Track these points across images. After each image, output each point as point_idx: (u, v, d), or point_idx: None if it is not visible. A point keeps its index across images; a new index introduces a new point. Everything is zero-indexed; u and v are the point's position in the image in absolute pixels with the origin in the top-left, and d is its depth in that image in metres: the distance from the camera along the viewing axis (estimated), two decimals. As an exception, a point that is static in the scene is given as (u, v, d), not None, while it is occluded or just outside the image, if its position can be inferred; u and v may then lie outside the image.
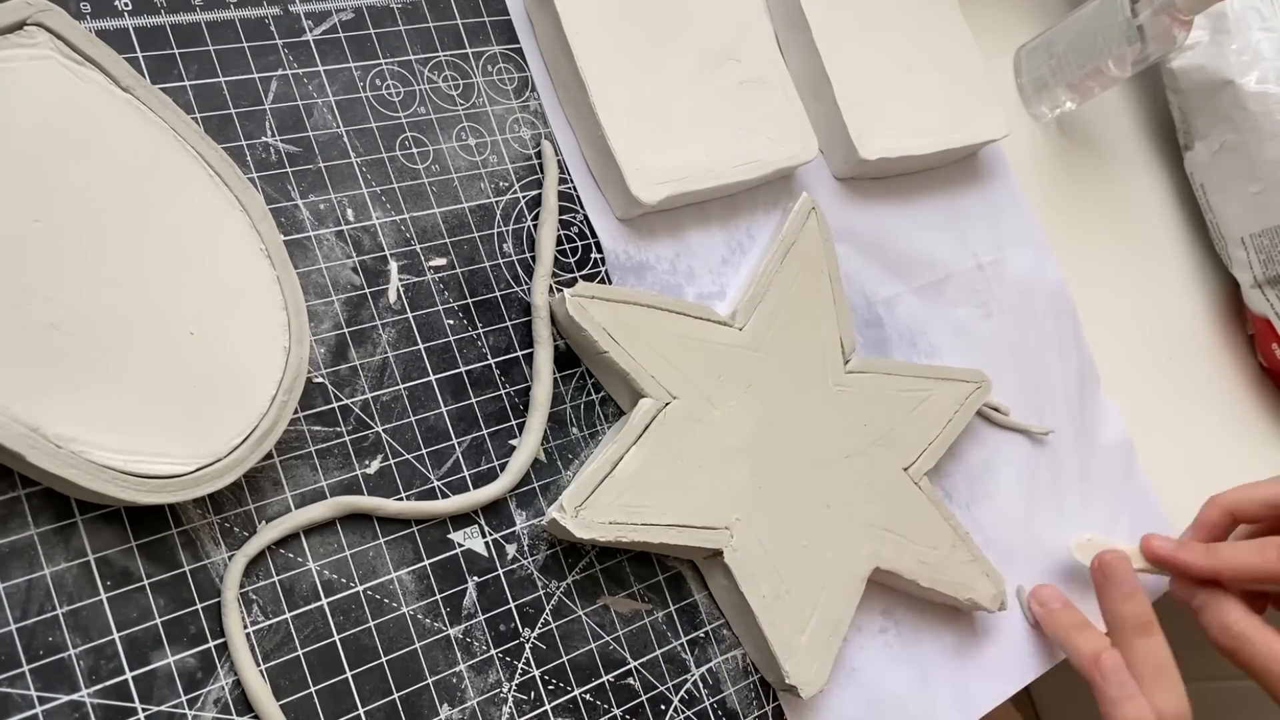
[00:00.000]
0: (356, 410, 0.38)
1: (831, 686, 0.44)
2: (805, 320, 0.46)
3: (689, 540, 0.40)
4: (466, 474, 0.40)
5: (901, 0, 0.53)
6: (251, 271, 0.36)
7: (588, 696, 0.40)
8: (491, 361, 0.41)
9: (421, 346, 0.40)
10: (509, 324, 0.42)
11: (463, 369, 0.41)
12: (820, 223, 0.48)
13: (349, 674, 0.36)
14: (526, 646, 0.39)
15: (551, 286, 0.42)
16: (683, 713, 0.41)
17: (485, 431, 0.40)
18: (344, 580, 0.37)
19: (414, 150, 0.42)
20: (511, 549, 0.40)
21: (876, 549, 0.45)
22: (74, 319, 0.32)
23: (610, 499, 0.39)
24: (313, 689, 0.35)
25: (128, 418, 0.32)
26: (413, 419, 0.39)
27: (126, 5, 0.38)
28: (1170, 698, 0.41)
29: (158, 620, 0.33)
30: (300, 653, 0.35)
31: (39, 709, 0.31)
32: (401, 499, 0.38)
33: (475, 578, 0.39)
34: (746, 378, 0.44)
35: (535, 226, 0.44)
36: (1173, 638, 0.45)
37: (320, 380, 0.38)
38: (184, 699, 0.33)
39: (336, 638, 0.36)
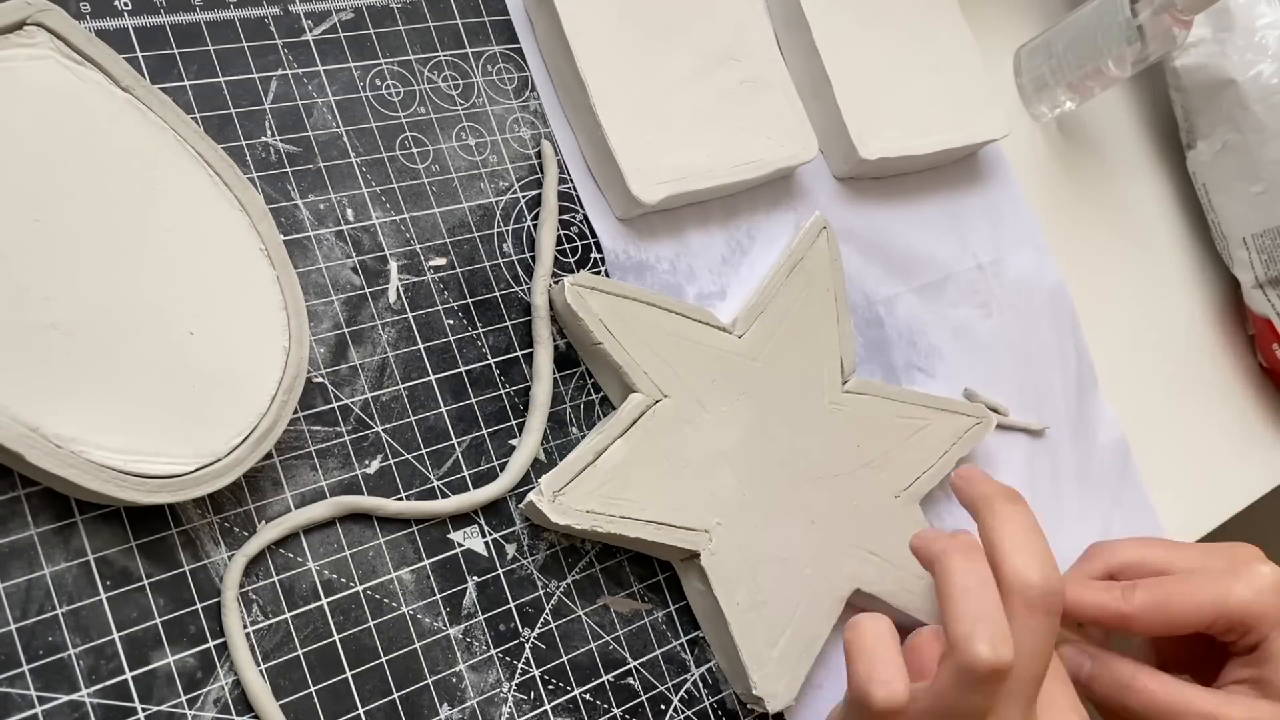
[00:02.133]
0: (356, 410, 0.38)
1: (829, 688, 0.44)
2: (806, 336, 0.46)
3: (666, 539, 0.40)
4: (466, 474, 0.40)
5: (901, 0, 0.53)
6: (251, 271, 0.36)
7: (588, 696, 0.40)
8: (491, 361, 0.41)
9: (421, 346, 0.40)
10: (509, 324, 0.42)
11: (463, 369, 0.41)
12: (830, 242, 0.48)
13: (349, 674, 0.36)
14: (526, 646, 0.39)
15: (551, 286, 0.42)
16: (683, 713, 0.41)
17: (485, 431, 0.40)
18: (344, 580, 0.37)
19: (414, 150, 0.42)
20: (511, 549, 0.40)
21: (859, 571, 0.44)
22: (74, 319, 0.32)
23: (590, 488, 0.39)
24: (313, 689, 0.35)
25: (127, 417, 0.32)
26: (412, 419, 0.39)
27: (126, 5, 0.38)
28: (1043, 563, 0.35)
29: (157, 620, 0.33)
30: (300, 652, 0.35)
31: (39, 709, 0.31)
32: (401, 499, 0.38)
33: (475, 578, 0.39)
34: (741, 385, 0.44)
35: (535, 226, 0.44)
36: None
37: (320, 380, 0.38)
38: (184, 699, 0.33)
39: (336, 638, 0.36)
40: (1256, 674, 0.43)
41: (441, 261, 0.41)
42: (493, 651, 0.38)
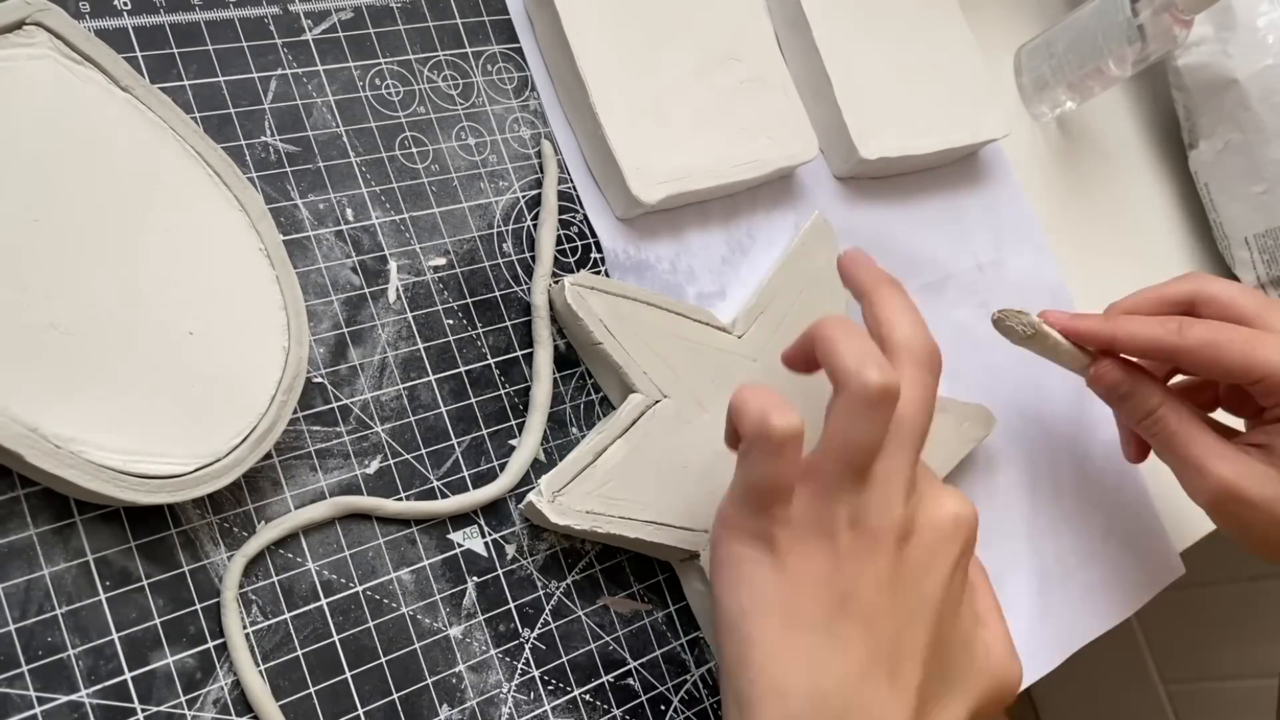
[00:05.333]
0: (356, 410, 0.38)
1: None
2: None
3: (666, 539, 0.40)
4: (466, 474, 0.40)
5: (902, 0, 0.53)
6: (251, 271, 0.36)
7: (587, 696, 0.40)
8: (491, 361, 0.41)
9: (421, 346, 0.40)
10: (509, 324, 0.42)
11: (462, 369, 0.41)
12: (830, 242, 0.48)
13: (348, 674, 0.36)
14: (526, 647, 0.39)
15: (551, 286, 0.42)
16: (683, 713, 0.41)
17: (485, 431, 0.40)
18: (343, 580, 0.36)
19: (413, 150, 0.42)
20: (511, 549, 0.40)
21: None
22: (73, 319, 0.32)
23: (590, 488, 0.39)
24: (312, 689, 0.35)
25: (127, 418, 0.32)
26: (412, 419, 0.39)
27: (125, 4, 0.38)
28: (924, 330, 0.38)
29: (157, 620, 0.33)
30: (300, 653, 0.35)
31: (38, 709, 0.31)
32: (401, 499, 0.38)
33: (475, 578, 0.39)
34: (741, 385, 0.43)
35: (535, 226, 0.44)
36: (1166, 639, 0.45)
37: (320, 380, 0.38)
38: (183, 699, 0.33)
39: (336, 638, 0.36)
40: (1271, 442, 0.45)
41: (441, 261, 0.41)
42: (493, 652, 0.38)
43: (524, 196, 0.44)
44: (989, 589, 0.41)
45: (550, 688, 0.39)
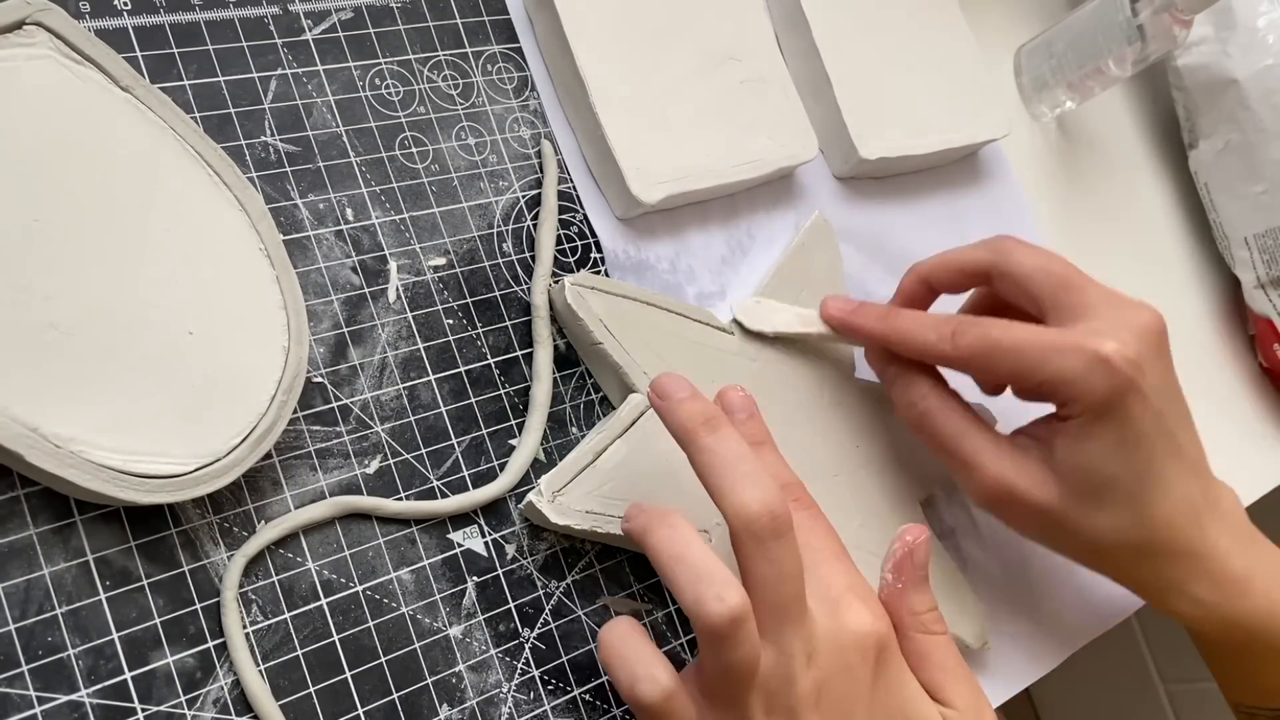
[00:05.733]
0: (356, 410, 0.38)
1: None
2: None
3: None
4: (466, 474, 0.40)
5: (902, 0, 0.53)
6: (251, 271, 0.36)
7: (587, 696, 0.40)
8: (491, 361, 0.41)
9: (421, 346, 0.40)
10: (509, 324, 0.42)
11: (462, 369, 0.41)
12: (830, 242, 0.48)
13: (348, 674, 0.36)
14: (526, 646, 0.39)
15: (551, 285, 0.42)
16: (682, 713, 0.41)
17: (485, 431, 0.40)
18: (343, 580, 0.36)
19: (413, 150, 0.42)
20: (511, 549, 0.40)
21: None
22: (73, 319, 0.32)
23: (589, 488, 0.39)
24: (312, 689, 0.35)
25: (126, 417, 0.32)
26: (412, 419, 0.39)
27: (125, 4, 0.38)
28: (758, 488, 0.34)
29: (157, 620, 0.33)
30: (299, 653, 0.35)
31: (38, 709, 0.31)
32: (401, 499, 0.38)
33: (475, 578, 0.39)
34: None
35: (535, 226, 0.44)
36: (1166, 639, 0.45)
37: (320, 380, 0.38)
38: (183, 699, 0.33)
39: (336, 638, 0.36)
40: (1049, 438, 0.42)
41: (441, 261, 0.41)
42: (492, 652, 0.38)
43: (524, 196, 0.44)
44: (939, 643, 0.39)
45: (550, 688, 0.39)
